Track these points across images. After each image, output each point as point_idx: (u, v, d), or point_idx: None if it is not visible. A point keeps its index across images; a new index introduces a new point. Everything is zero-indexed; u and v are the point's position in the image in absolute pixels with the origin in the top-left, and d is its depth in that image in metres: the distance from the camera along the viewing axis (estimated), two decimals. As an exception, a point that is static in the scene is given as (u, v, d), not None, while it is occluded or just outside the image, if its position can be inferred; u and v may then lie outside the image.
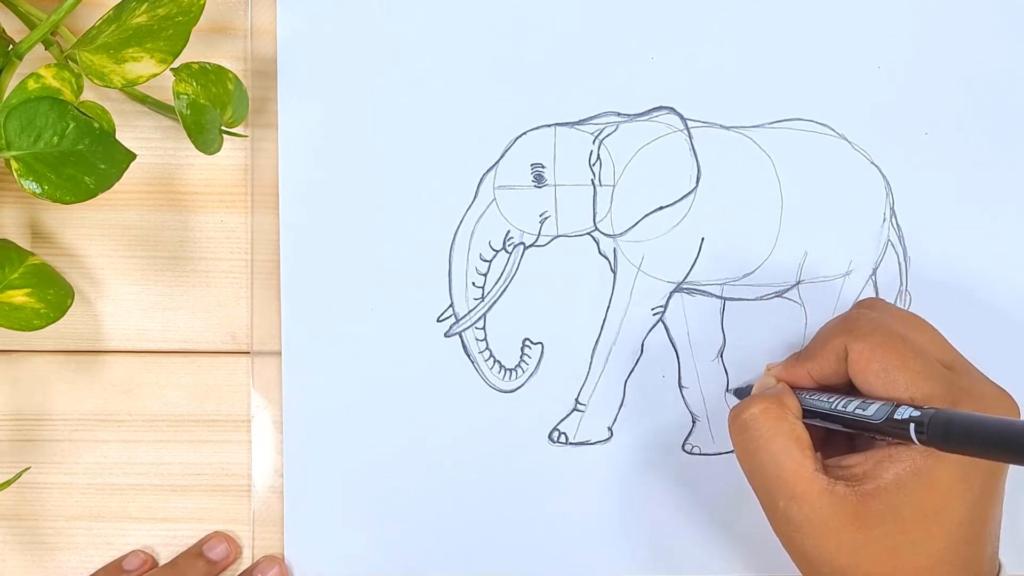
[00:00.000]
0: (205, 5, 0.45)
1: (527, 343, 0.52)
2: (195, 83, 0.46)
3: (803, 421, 0.44)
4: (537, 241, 0.52)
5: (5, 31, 0.48)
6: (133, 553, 0.52)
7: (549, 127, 0.51)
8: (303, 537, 0.52)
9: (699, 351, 0.52)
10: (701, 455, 0.52)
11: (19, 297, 0.47)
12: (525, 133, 0.51)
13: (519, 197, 0.51)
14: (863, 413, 0.41)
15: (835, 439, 0.45)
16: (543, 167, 0.51)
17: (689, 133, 0.52)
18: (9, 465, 0.52)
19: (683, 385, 0.52)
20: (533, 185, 0.51)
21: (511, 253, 0.52)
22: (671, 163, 0.52)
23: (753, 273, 0.52)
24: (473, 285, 0.52)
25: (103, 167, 0.43)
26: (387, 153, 0.51)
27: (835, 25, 0.52)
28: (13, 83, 0.45)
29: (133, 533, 0.52)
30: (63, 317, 0.47)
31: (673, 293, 0.52)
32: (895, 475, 0.41)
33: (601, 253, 0.52)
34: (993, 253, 0.52)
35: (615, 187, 0.51)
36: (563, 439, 0.52)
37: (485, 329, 0.52)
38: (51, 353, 0.52)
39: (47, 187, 0.42)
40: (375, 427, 0.52)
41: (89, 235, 0.52)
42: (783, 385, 0.45)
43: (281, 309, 0.51)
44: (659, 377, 0.52)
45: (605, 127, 0.51)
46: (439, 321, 0.52)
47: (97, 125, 0.43)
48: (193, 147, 0.45)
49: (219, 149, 0.47)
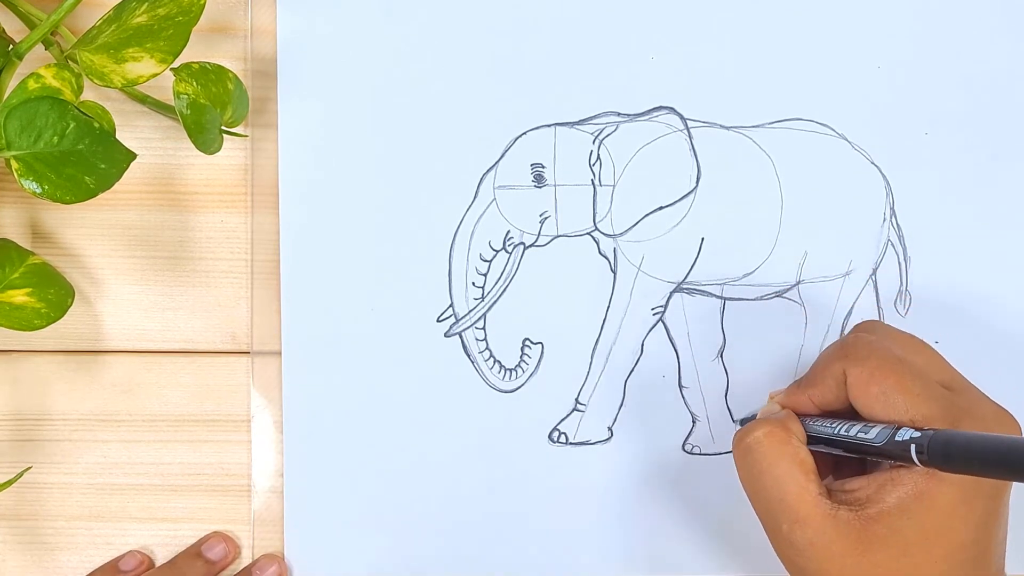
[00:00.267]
0: (205, 5, 0.45)
1: (527, 343, 0.52)
2: (195, 83, 0.46)
3: (808, 447, 0.43)
4: (537, 241, 0.52)
5: (5, 31, 0.48)
6: (130, 553, 0.52)
7: (549, 127, 0.51)
8: (303, 537, 0.52)
9: (699, 351, 0.52)
10: (701, 455, 0.52)
11: (19, 297, 0.47)
12: (525, 133, 0.51)
13: (519, 197, 0.51)
14: (865, 436, 0.41)
15: (845, 465, 0.45)
16: (543, 167, 0.51)
17: (689, 133, 0.51)
18: (9, 465, 0.52)
19: (683, 385, 0.52)
20: (533, 185, 0.51)
21: (511, 253, 0.52)
22: (671, 163, 0.52)
23: (753, 273, 0.52)
24: (473, 285, 0.51)
25: (103, 167, 0.43)
26: (387, 153, 0.51)
27: (835, 25, 0.52)
28: (13, 83, 0.45)
29: (133, 533, 0.52)
30: (63, 317, 0.47)
31: (673, 293, 0.52)
32: (897, 498, 0.40)
33: (601, 253, 0.52)
34: (993, 253, 0.52)
35: (615, 187, 0.51)
36: (563, 439, 0.52)
37: (485, 329, 0.52)
38: (51, 353, 0.52)
39: (47, 187, 0.42)
40: (375, 427, 0.52)
41: (89, 235, 0.52)
42: (788, 411, 0.45)
43: (281, 309, 0.51)
44: (659, 377, 0.52)
45: (605, 127, 0.51)
46: (439, 321, 0.52)
47: (97, 125, 0.43)
48: (193, 147, 0.45)
49: (219, 149, 0.47)
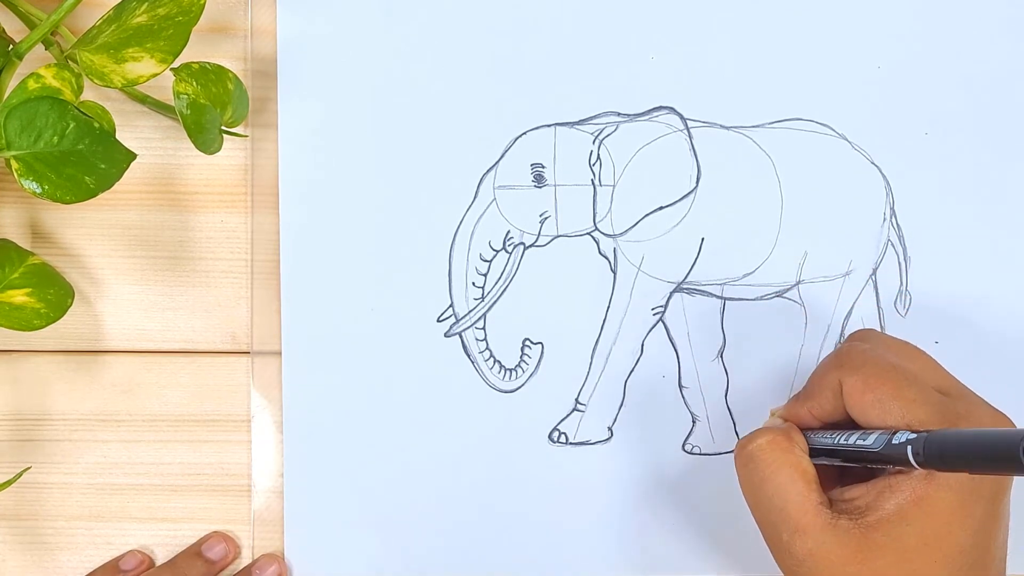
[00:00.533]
0: (205, 5, 0.45)
1: (527, 343, 0.52)
2: (195, 83, 0.46)
3: (811, 459, 0.43)
4: (537, 241, 0.52)
5: (5, 31, 0.48)
6: (130, 553, 0.52)
7: (549, 127, 0.51)
8: (303, 537, 0.52)
9: (699, 351, 0.52)
10: (701, 455, 0.52)
11: (19, 297, 0.47)
12: (525, 133, 0.51)
13: (519, 197, 0.51)
14: (863, 443, 0.41)
15: (849, 477, 0.45)
16: (543, 167, 0.51)
17: (689, 133, 0.51)
18: (9, 465, 0.52)
19: (683, 385, 0.52)
20: (533, 185, 0.51)
21: (511, 253, 0.52)
22: (671, 163, 0.52)
23: (753, 273, 0.52)
24: (473, 285, 0.51)
25: (103, 167, 0.43)
26: (387, 153, 0.51)
27: (835, 25, 0.52)
28: (13, 83, 0.45)
29: (133, 533, 0.52)
30: (63, 317, 0.47)
31: (673, 293, 0.52)
32: (896, 505, 0.40)
33: (601, 253, 0.52)
34: (993, 253, 0.52)
35: (615, 187, 0.51)
36: (563, 439, 0.52)
37: (485, 329, 0.52)
38: (51, 353, 0.52)
39: (47, 187, 0.42)
40: (375, 427, 0.52)
41: (89, 235, 0.52)
42: (790, 423, 0.45)
43: (281, 309, 0.51)
44: (659, 377, 0.52)
45: (605, 127, 0.51)
46: (439, 321, 0.52)
47: (97, 125, 0.43)
48: (193, 147, 0.45)
49: (219, 149, 0.47)
